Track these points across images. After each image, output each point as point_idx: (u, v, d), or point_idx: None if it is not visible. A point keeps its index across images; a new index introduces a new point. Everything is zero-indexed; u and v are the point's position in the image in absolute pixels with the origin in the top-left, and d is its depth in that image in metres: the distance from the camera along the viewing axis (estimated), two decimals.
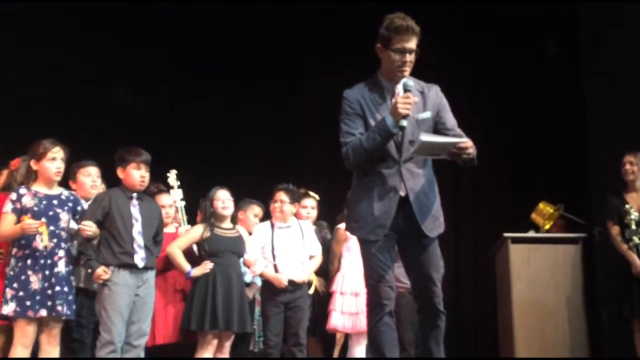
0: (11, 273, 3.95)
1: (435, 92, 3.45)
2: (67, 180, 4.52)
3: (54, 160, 4.07)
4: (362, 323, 5.00)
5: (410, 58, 3.31)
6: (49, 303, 3.93)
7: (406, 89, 3.28)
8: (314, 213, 5.48)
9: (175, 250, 4.77)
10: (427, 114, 3.38)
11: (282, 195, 5.05)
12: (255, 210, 5.44)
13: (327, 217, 5.69)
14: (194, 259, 4.86)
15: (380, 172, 3.32)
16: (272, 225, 5.08)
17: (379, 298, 3.37)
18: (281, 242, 5.01)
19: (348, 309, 5.05)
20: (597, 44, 6.25)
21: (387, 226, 3.31)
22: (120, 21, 6.82)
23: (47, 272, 3.96)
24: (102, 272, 4.12)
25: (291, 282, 4.91)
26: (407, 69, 3.34)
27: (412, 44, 3.31)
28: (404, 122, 3.22)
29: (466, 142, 3.23)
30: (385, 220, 3.32)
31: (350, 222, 3.48)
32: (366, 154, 3.28)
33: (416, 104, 3.31)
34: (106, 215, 4.20)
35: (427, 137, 3.19)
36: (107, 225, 4.20)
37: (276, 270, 4.94)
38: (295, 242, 5.04)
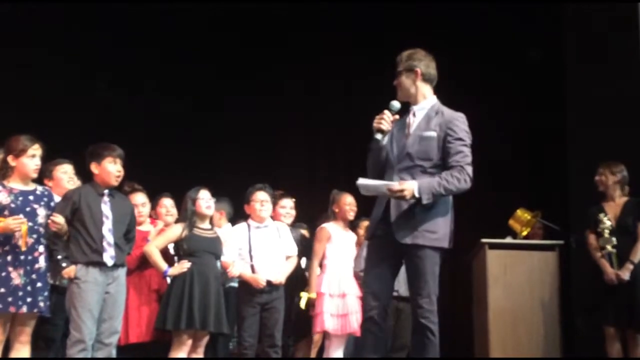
0: None
1: (448, 118, 3.69)
2: (40, 177, 4.46)
3: (34, 157, 4.03)
4: (352, 325, 5.03)
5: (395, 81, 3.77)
6: (29, 299, 3.89)
7: (388, 107, 3.64)
8: (292, 213, 5.46)
9: (153, 250, 4.75)
10: (431, 133, 3.65)
11: (262, 195, 5.03)
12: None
13: (305, 218, 5.68)
14: (168, 258, 4.84)
15: (385, 179, 3.66)
16: (249, 226, 5.07)
17: (364, 303, 3.70)
18: (258, 243, 5.00)
19: (337, 311, 5.06)
20: (579, 53, 6.31)
21: (374, 225, 3.67)
22: (103, 18, 6.77)
23: (28, 268, 3.93)
24: (71, 271, 4.08)
25: (268, 283, 4.91)
26: (398, 90, 3.76)
27: (398, 67, 3.77)
28: (378, 136, 3.63)
29: (394, 186, 3.52)
30: (374, 221, 3.70)
31: None
32: (369, 168, 3.74)
33: (396, 121, 3.66)
34: (75, 212, 4.15)
35: (362, 181, 3.60)
36: (76, 222, 4.15)
37: (253, 271, 4.94)
38: (272, 242, 5.03)
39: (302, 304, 5.09)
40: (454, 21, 6.87)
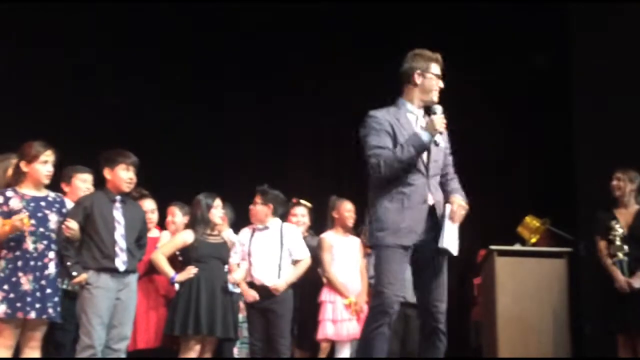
0: (1, 275, 3.92)
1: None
2: (57, 182, 4.48)
3: (46, 163, 4.06)
4: (351, 329, 5.06)
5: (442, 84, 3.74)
6: (38, 305, 3.91)
7: (434, 112, 3.64)
8: (304, 221, 5.49)
9: (160, 257, 4.77)
10: (445, 143, 3.72)
11: (256, 197, 5.06)
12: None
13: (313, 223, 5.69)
14: (176, 264, 4.85)
15: (410, 183, 3.57)
16: (253, 229, 5.10)
17: (384, 306, 3.51)
18: (257, 246, 5.03)
19: (339, 317, 5.10)
20: (587, 56, 6.29)
21: (419, 233, 3.53)
22: (108, 21, 6.80)
23: (37, 274, 3.95)
24: (82, 279, 4.10)
25: (264, 288, 4.92)
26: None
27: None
28: (439, 138, 3.58)
29: (457, 213, 3.57)
30: (417, 227, 3.54)
31: (376, 232, 3.60)
32: (400, 165, 3.54)
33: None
34: (87, 217, 4.18)
35: (445, 244, 3.56)
36: (89, 228, 4.18)
37: (250, 274, 4.96)
38: (271, 245, 5.02)
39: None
40: (455, 22, 6.87)
